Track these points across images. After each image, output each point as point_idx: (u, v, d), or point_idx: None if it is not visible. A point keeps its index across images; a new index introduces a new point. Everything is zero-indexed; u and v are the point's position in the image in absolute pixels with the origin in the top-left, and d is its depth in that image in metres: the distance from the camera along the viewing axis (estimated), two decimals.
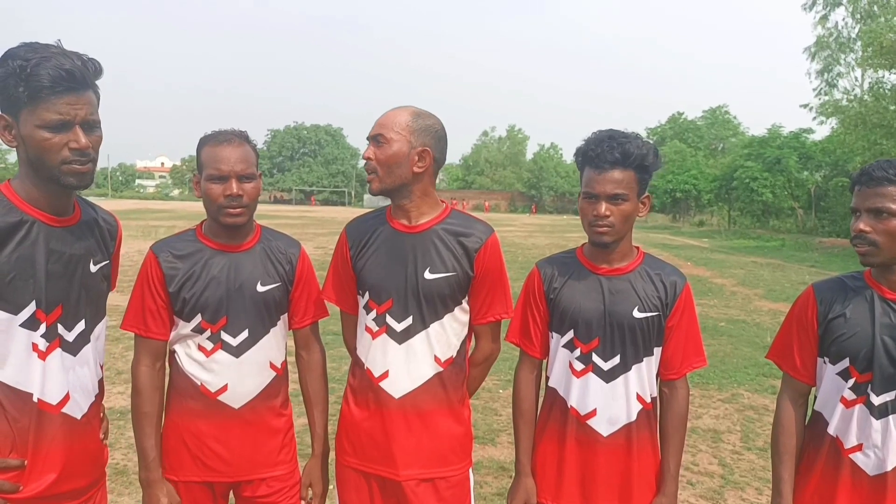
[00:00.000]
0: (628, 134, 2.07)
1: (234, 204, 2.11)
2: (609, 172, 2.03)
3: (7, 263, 1.69)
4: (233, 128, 2.21)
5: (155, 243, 2.24)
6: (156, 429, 2.18)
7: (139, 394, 2.17)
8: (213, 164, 2.11)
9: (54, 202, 1.79)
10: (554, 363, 2.20)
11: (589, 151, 2.07)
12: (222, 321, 2.16)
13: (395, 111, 2.14)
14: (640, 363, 2.12)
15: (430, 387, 2.16)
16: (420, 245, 2.16)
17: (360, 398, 2.21)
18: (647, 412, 2.14)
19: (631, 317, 2.09)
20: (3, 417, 1.72)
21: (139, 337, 2.19)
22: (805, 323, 2.04)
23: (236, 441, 2.18)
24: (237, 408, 2.18)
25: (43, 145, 1.68)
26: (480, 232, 2.21)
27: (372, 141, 2.10)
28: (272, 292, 2.23)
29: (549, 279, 2.20)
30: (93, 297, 1.90)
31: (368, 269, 2.19)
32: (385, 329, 2.16)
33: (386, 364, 2.16)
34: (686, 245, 26.98)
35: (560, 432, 2.15)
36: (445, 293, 2.15)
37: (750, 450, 5.02)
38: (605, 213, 2.04)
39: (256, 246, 2.25)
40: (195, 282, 2.15)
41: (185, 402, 2.18)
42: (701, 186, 45.34)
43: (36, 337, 1.74)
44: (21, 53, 1.64)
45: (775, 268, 18.18)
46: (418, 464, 2.15)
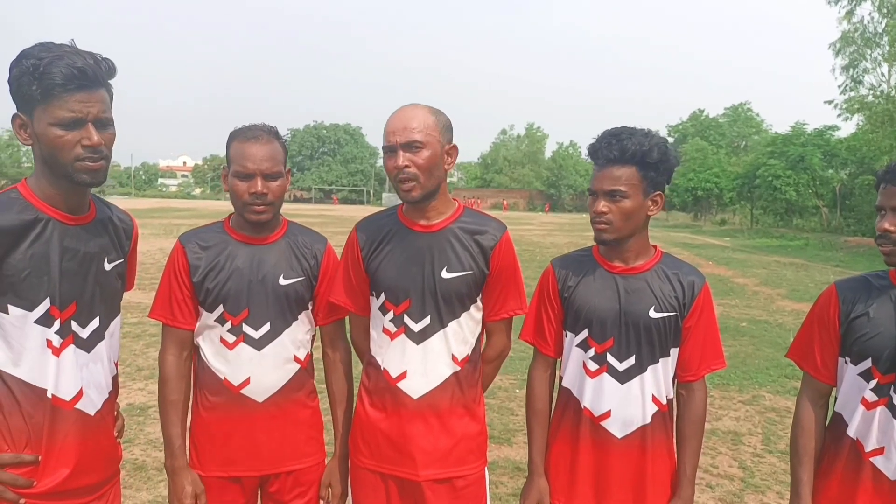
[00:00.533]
0: (634, 130, 2.04)
1: (259, 202, 2.12)
2: (607, 169, 2.02)
3: (22, 261, 1.71)
4: (263, 122, 2.21)
5: (183, 234, 2.27)
6: (182, 417, 2.20)
7: (166, 382, 2.19)
8: (239, 161, 2.12)
9: (69, 200, 1.80)
10: (568, 363, 2.17)
11: (592, 147, 2.07)
12: (244, 313, 2.17)
13: (413, 111, 2.10)
14: (656, 364, 2.08)
15: (447, 386, 2.15)
16: (436, 244, 2.14)
17: (377, 399, 2.20)
18: (662, 414, 2.10)
19: (647, 317, 2.06)
20: (18, 413, 1.74)
21: (166, 326, 2.21)
22: (826, 321, 2.00)
23: (261, 435, 2.19)
24: (261, 401, 2.18)
25: (56, 143, 1.69)
26: (495, 229, 2.20)
27: (405, 148, 2.03)
28: (294, 286, 2.23)
29: (564, 277, 2.17)
30: (107, 294, 1.92)
31: (384, 271, 2.17)
32: (403, 330, 2.15)
33: (404, 364, 2.15)
34: (707, 244, 26.70)
35: (573, 433, 2.13)
36: (462, 292, 2.15)
37: (771, 452, 4.94)
38: (603, 209, 2.02)
39: (281, 240, 2.26)
40: (218, 272, 2.17)
41: (209, 397, 2.20)
42: (723, 185, 44.88)
43: (50, 333, 1.76)
44: (35, 53, 1.66)
45: (799, 267, 17.94)
46: (437, 464, 2.15)
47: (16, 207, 1.73)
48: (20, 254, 1.71)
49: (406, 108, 2.12)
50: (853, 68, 29.32)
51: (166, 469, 2.21)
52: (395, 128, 2.06)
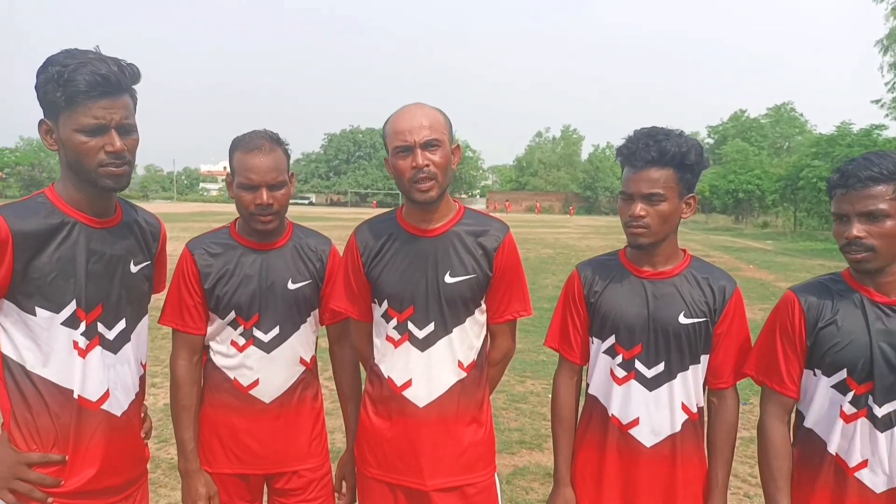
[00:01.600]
0: (668, 131, 1.98)
1: (265, 213, 2.14)
2: (645, 171, 1.95)
3: (49, 263, 1.75)
4: (265, 129, 2.22)
5: (190, 241, 2.29)
6: (194, 421, 2.23)
7: (177, 387, 2.23)
8: (244, 173, 2.13)
9: (94, 204, 1.83)
10: (594, 370, 2.13)
11: (626, 149, 1.99)
12: (255, 318, 2.20)
13: (424, 110, 2.07)
14: (686, 371, 2.02)
15: (454, 393, 2.13)
16: (440, 248, 2.11)
17: (382, 408, 2.18)
18: (692, 423, 2.05)
19: (676, 322, 2.00)
20: (46, 413, 1.78)
21: (177, 332, 2.24)
22: (791, 333, 1.91)
23: (267, 434, 2.22)
24: (268, 402, 2.21)
25: (80, 149, 1.72)
26: (497, 230, 2.17)
27: (424, 147, 2.01)
28: (303, 290, 2.25)
29: (590, 282, 2.13)
30: (134, 296, 1.94)
31: (386, 278, 2.14)
32: (407, 337, 2.13)
33: (409, 372, 2.12)
34: (748, 247, 26.14)
35: (600, 441, 2.08)
36: (467, 296, 2.12)
37: None
38: (641, 213, 1.96)
39: (288, 244, 2.27)
40: (229, 279, 2.19)
41: (219, 397, 2.23)
42: (765, 187, 43.92)
43: (76, 335, 1.79)
44: (60, 59, 1.69)
45: None
46: (445, 472, 2.12)
47: (42, 212, 1.77)
48: (46, 257, 1.74)
49: (415, 107, 2.08)
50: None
51: (180, 472, 2.25)
52: (409, 126, 2.02)
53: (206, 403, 2.26)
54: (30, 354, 1.76)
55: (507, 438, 4.99)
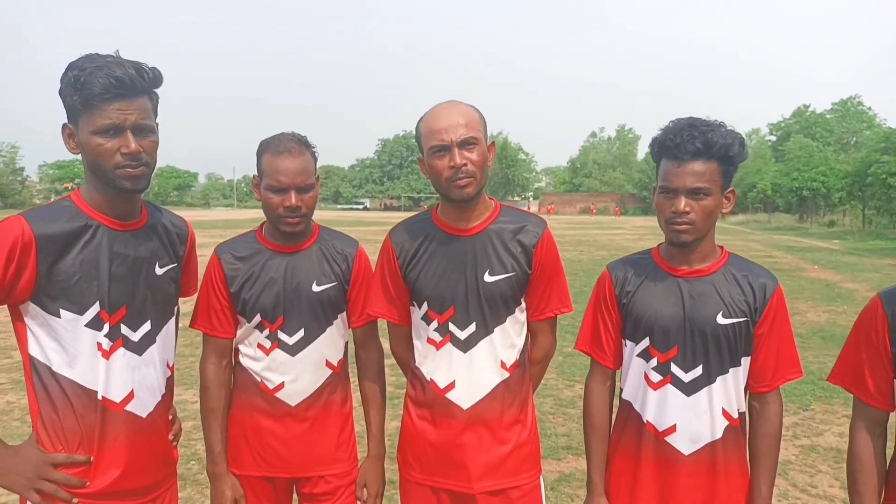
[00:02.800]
0: (710, 122, 1.87)
1: (293, 215, 2.14)
2: (690, 164, 1.84)
3: (72, 266, 1.77)
4: (293, 132, 2.22)
5: (218, 245, 2.30)
6: (222, 424, 2.24)
7: (206, 390, 2.24)
8: (272, 176, 2.13)
9: (117, 206, 1.85)
10: (628, 374, 2.03)
11: (667, 141, 1.87)
12: (280, 321, 2.19)
13: (460, 107, 2.03)
14: (726, 374, 1.91)
15: (497, 394, 2.08)
16: (478, 247, 2.07)
17: (425, 411, 2.14)
18: (734, 429, 1.93)
19: (714, 323, 1.89)
20: (72, 414, 1.79)
21: (206, 335, 2.26)
22: (875, 340, 1.75)
23: (293, 437, 2.21)
24: (294, 405, 2.20)
25: (97, 151, 1.74)
26: (535, 225, 2.12)
27: (462, 146, 1.97)
28: (328, 292, 2.23)
29: (622, 282, 2.03)
30: (159, 299, 1.95)
31: (424, 279, 2.10)
32: (449, 338, 2.09)
33: (452, 374, 2.09)
34: (813, 247, 25.14)
35: (635, 450, 1.98)
36: (507, 294, 2.07)
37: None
38: (685, 209, 1.85)
39: (313, 246, 2.26)
40: (254, 282, 2.19)
41: (246, 399, 2.23)
42: (830, 184, 42.30)
43: (100, 336, 1.81)
44: (79, 64, 1.72)
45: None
46: (491, 475, 2.08)
47: (66, 215, 1.79)
48: (70, 259, 1.77)
49: (450, 105, 2.04)
50: None
51: (208, 474, 2.26)
52: (446, 125, 1.98)
53: (234, 405, 2.27)
54: (56, 356, 1.79)
55: (554, 444, 4.90)
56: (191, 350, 6.30)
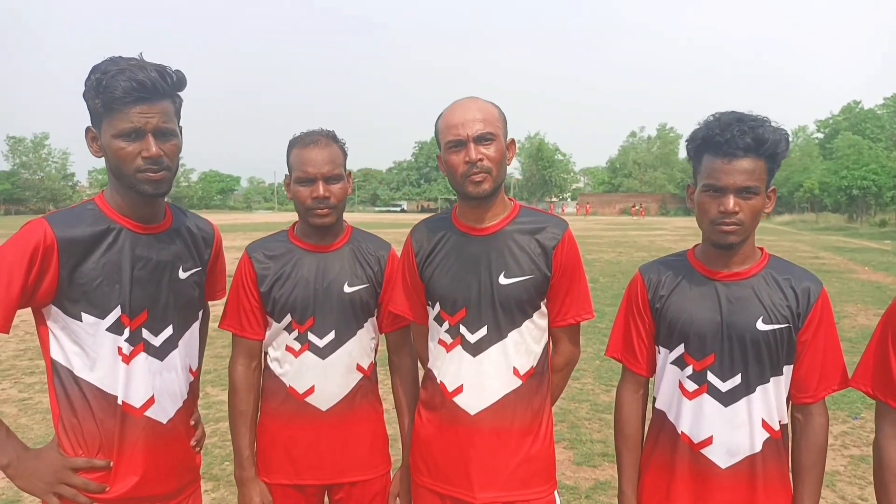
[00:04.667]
0: (756, 117, 1.76)
1: (322, 206, 2.10)
2: (739, 161, 1.73)
3: (94, 269, 1.76)
4: (321, 128, 2.20)
5: (250, 244, 2.27)
6: (251, 428, 2.20)
7: (235, 392, 2.21)
8: (300, 167, 2.11)
9: (140, 210, 1.84)
10: (662, 382, 1.94)
11: (715, 136, 1.75)
12: (310, 321, 2.15)
13: (478, 103, 1.99)
14: (767, 384, 1.81)
15: (507, 402, 2.00)
16: (493, 248, 2.01)
17: (434, 414, 2.09)
18: (775, 442, 1.83)
19: (754, 329, 1.79)
20: (91, 419, 1.79)
21: (236, 336, 2.23)
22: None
23: (325, 444, 2.16)
24: (324, 410, 2.16)
25: (119, 154, 1.74)
26: (556, 226, 2.04)
27: (478, 141, 1.92)
28: (359, 293, 2.19)
29: (655, 286, 1.94)
30: (182, 303, 1.94)
31: (438, 278, 2.06)
32: (459, 341, 2.03)
33: (460, 378, 2.03)
34: (864, 248, 24.30)
35: (669, 462, 1.89)
36: (523, 298, 1.99)
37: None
38: (735, 208, 1.74)
39: (345, 247, 2.23)
40: (285, 282, 2.16)
41: (275, 405, 2.19)
42: (882, 182, 40.91)
43: (120, 341, 1.80)
44: (102, 67, 1.71)
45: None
46: (497, 486, 2.00)
47: (88, 219, 1.79)
48: (92, 263, 1.76)
49: (468, 101, 1.99)
50: None
51: (236, 479, 2.22)
52: (462, 120, 1.93)
53: (263, 412, 2.23)
54: (77, 360, 1.78)
55: (590, 451, 4.78)
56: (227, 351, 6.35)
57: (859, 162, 43.78)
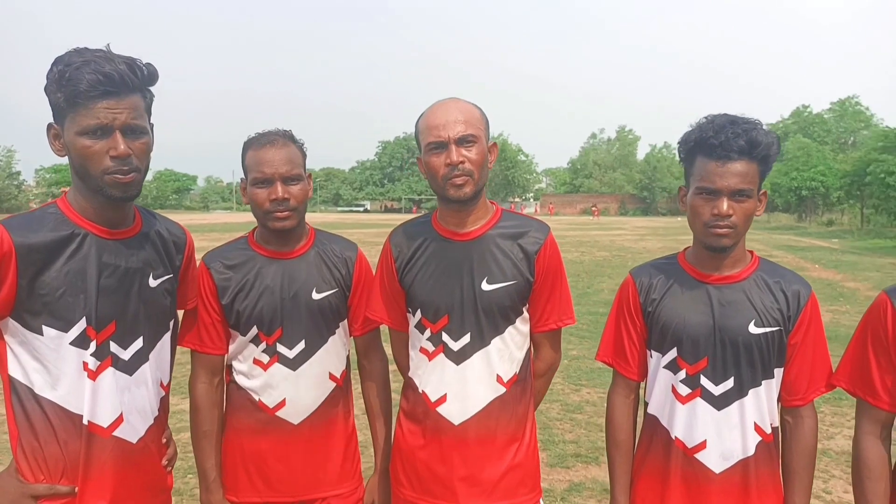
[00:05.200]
0: (750, 119, 1.75)
1: (281, 208, 2.00)
2: (733, 164, 1.72)
3: (57, 278, 1.62)
4: (277, 128, 2.10)
5: (206, 254, 2.14)
6: (216, 448, 2.10)
7: (197, 412, 2.09)
8: (256, 168, 2.01)
9: (106, 214, 1.71)
10: (654, 387, 1.91)
11: (709, 139, 1.73)
12: (278, 332, 2.05)
13: (459, 104, 1.93)
14: (759, 387, 1.80)
15: (492, 410, 1.95)
16: (475, 253, 1.95)
17: (415, 425, 2.02)
18: (766, 445, 1.81)
19: (746, 332, 1.78)
20: (54, 440, 1.65)
21: (195, 352, 2.11)
22: (885, 339, 1.67)
23: (297, 458, 2.07)
24: (296, 423, 2.06)
25: (84, 153, 1.60)
26: (537, 230, 2.00)
27: (459, 143, 1.87)
28: (328, 299, 2.09)
29: (647, 289, 1.91)
30: (153, 313, 1.81)
31: (418, 285, 1.99)
32: (442, 349, 1.96)
33: (443, 387, 1.96)
34: (813, 246, 25.06)
35: (662, 467, 1.86)
36: (506, 304, 1.94)
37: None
38: (728, 211, 1.72)
39: (310, 251, 2.12)
40: (248, 292, 2.05)
41: (242, 420, 2.08)
42: (829, 183, 42.32)
43: (86, 356, 1.66)
44: (65, 59, 1.57)
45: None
46: (482, 497, 1.94)
47: (50, 223, 1.65)
48: (55, 271, 1.62)
49: (450, 102, 1.93)
50: None
51: (202, 503, 2.11)
52: (443, 121, 1.87)
53: (229, 428, 2.11)
54: (38, 377, 1.64)
55: (562, 451, 4.77)
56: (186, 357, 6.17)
57: (808, 164, 45.14)
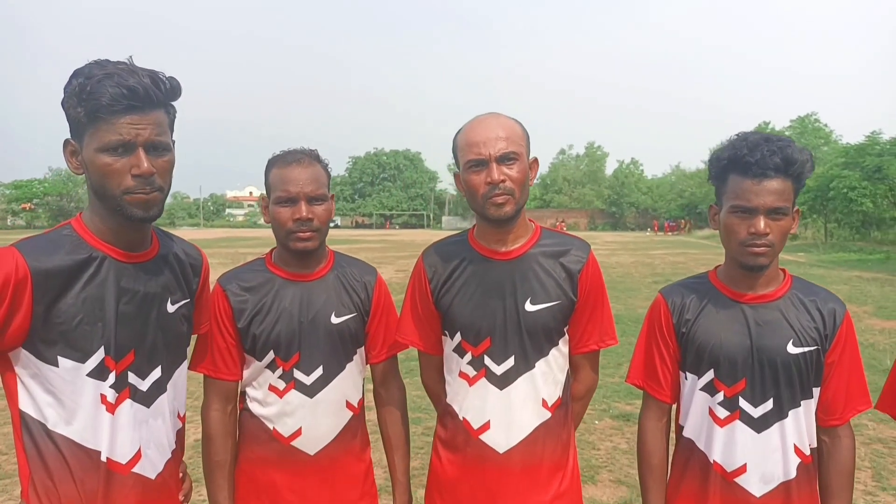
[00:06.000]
0: (782, 138, 1.74)
1: (304, 228, 1.92)
2: (770, 182, 1.70)
3: (74, 305, 1.52)
4: (302, 146, 2.03)
5: (222, 275, 2.05)
6: (228, 479, 2.00)
7: (210, 441, 1.99)
8: (281, 187, 1.93)
9: (126, 235, 1.61)
10: (689, 410, 1.87)
11: (744, 157, 1.71)
12: (295, 358, 1.96)
13: (501, 120, 1.88)
14: (798, 408, 1.77)
15: (538, 436, 1.89)
16: (518, 273, 1.90)
17: (457, 454, 1.95)
18: (806, 467, 1.79)
19: (785, 353, 1.75)
20: (70, 479, 1.53)
21: (208, 378, 2.01)
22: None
23: (313, 491, 1.97)
24: (313, 454, 1.97)
25: (104, 171, 1.50)
26: (579, 249, 1.96)
27: (501, 161, 1.81)
28: (347, 324, 2.02)
29: (680, 310, 1.88)
30: (170, 340, 1.71)
31: (458, 306, 1.92)
32: (484, 373, 1.90)
33: (486, 414, 1.89)
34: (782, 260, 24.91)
35: (700, 492, 1.82)
36: (550, 325, 1.89)
37: (885, 490, 4.44)
38: (766, 230, 1.70)
39: (329, 274, 2.05)
40: (265, 315, 1.96)
41: (256, 449, 1.99)
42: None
43: (104, 387, 1.56)
44: (85, 71, 1.48)
45: (883, 282, 16.86)
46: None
47: (66, 246, 1.54)
48: (72, 298, 1.51)
49: (491, 117, 1.88)
50: None
51: None
52: (485, 138, 1.82)
53: (242, 458, 2.02)
54: (52, 411, 1.53)
55: None
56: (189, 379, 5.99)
57: None
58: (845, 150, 37.83)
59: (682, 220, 67.12)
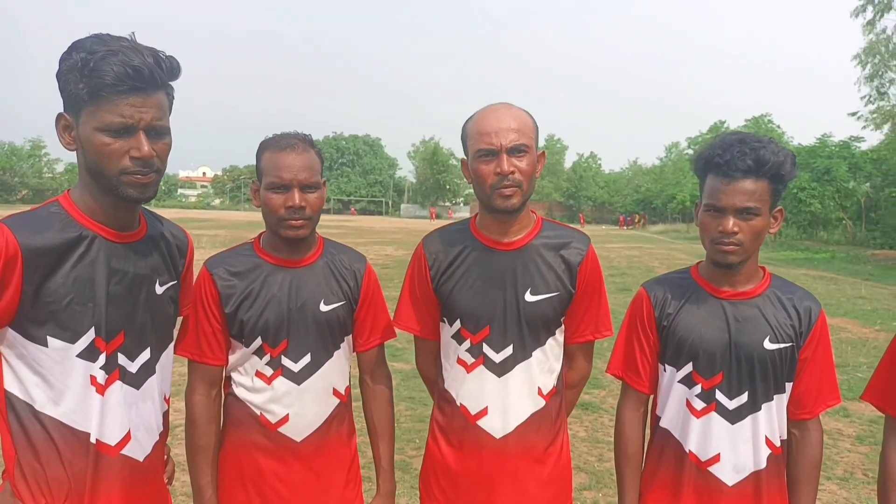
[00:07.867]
0: (761, 138, 1.79)
1: (297, 216, 1.91)
2: (739, 182, 1.75)
3: (64, 285, 1.48)
4: (296, 131, 2.00)
5: (209, 259, 2.03)
6: (212, 464, 1.99)
7: (194, 425, 1.97)
8: (274, 172, 1.91)
9: (117, 215, 1.58)
10: (667, 401, 1.93)
11: (715, 157, 1.77)
12: (283, 344, 1.95)
13: (512, 111, 1.89)
14: (771, 402, 1.84)
15: (533, 423, 1.94)
16: (519, 264, 1.93)
17: (454, 438, 1.98)
18: (776, 458, 1.86)
19: (761, 348, 1.82)
20: (58, 461, 1.51)
21: (193, 363, 1.99)
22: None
23: (299, 477, 1.97)
24: (299, 440, 1.97)
25: (102, 151, 1.47)
26: (579, 241, 2.00)
27: (511, 153, 1.82)
28: (336, 311, 2.02)
29: (661, 303, 1.93)
30: (159, 322, 1.69)
31: (459, 294, 1.94)
32: (482, 360, 1.93)
33: (484, 400, 1.93)
34: None
35: (674, 481, 1.89)
36: (549, 316, 1.93)
37: (830, 479, 4.64)
38: (733, 229, 1.76)
39: (319, 261, 2.04)
40: (253, 301, 1.95)
41: (242, 435, 1.98)
42: None
43: (94, 368, 1.53)
44: (87, 45, 1.44)
45: (829, 281, 17.51)
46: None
47: (56, 224, 1.51)
48: (62, 277, 1.48)
49: (502, 107, 1.89)
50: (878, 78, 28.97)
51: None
52: (496, 128, 1.83)
53: (227, 443, 2.00)
54: (39, 392, 1.50)
55: None
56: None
57: None
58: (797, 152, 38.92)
59: (637, 214, 68.48)
